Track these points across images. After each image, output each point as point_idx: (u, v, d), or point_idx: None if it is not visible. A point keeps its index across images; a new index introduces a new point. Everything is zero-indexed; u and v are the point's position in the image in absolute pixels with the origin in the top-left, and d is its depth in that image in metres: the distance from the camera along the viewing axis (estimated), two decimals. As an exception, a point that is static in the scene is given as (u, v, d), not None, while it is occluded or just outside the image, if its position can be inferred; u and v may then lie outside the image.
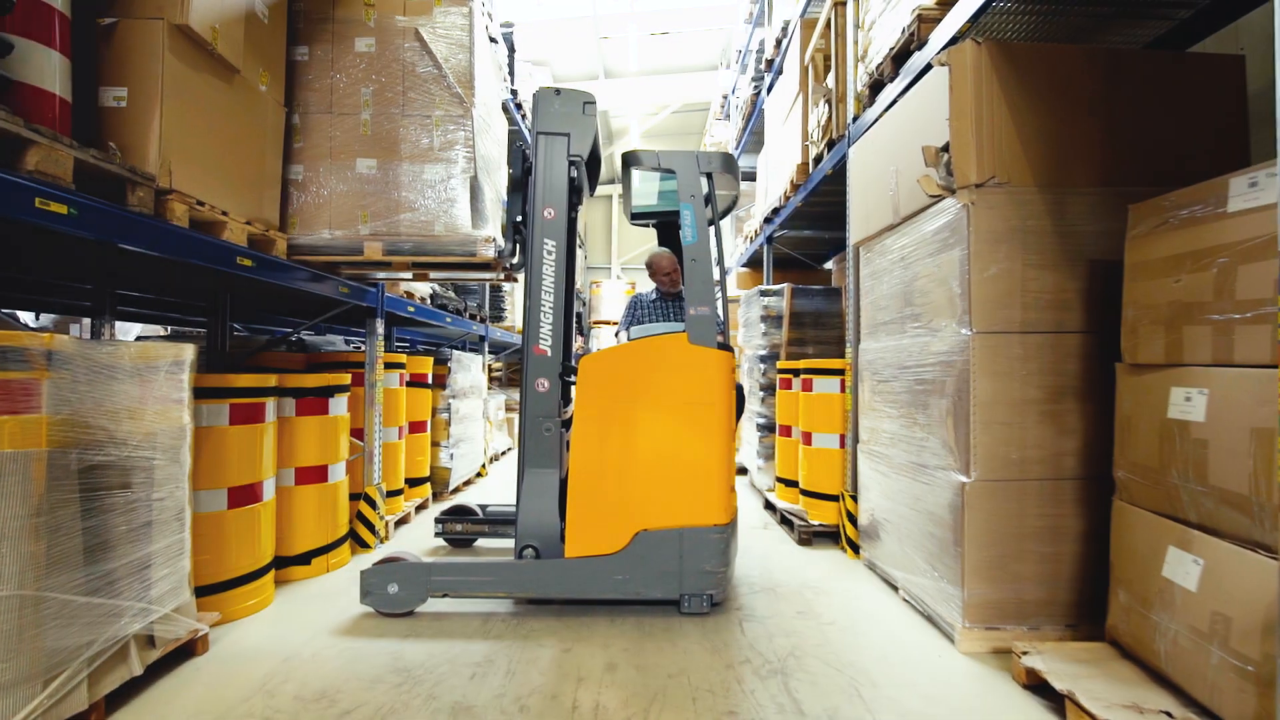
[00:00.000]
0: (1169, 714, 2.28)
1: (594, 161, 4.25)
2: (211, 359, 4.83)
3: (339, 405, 4.42)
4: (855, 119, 4.87)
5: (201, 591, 3.31)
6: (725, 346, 3.68)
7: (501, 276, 4.72)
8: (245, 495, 3.56)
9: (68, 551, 2.32)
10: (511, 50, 9.98)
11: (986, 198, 3.15)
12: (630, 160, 3.87)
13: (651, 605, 3.68)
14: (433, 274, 4.88)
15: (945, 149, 3.26)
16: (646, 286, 5.08)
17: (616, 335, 4.93)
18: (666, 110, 16.28)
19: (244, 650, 3.12)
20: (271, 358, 5.07)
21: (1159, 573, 2.51)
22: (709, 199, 3.77)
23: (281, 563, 4.04)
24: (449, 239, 3.90)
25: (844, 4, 5.22)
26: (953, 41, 3.36)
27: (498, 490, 7.35)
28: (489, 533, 4.87)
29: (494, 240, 3.99)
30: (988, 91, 3.16)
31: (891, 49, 4.08)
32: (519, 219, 3.88)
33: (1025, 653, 2.80)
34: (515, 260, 3.96)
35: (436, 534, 4.88)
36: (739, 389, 4.17)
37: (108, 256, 3.30)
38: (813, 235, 8.21)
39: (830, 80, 5.43)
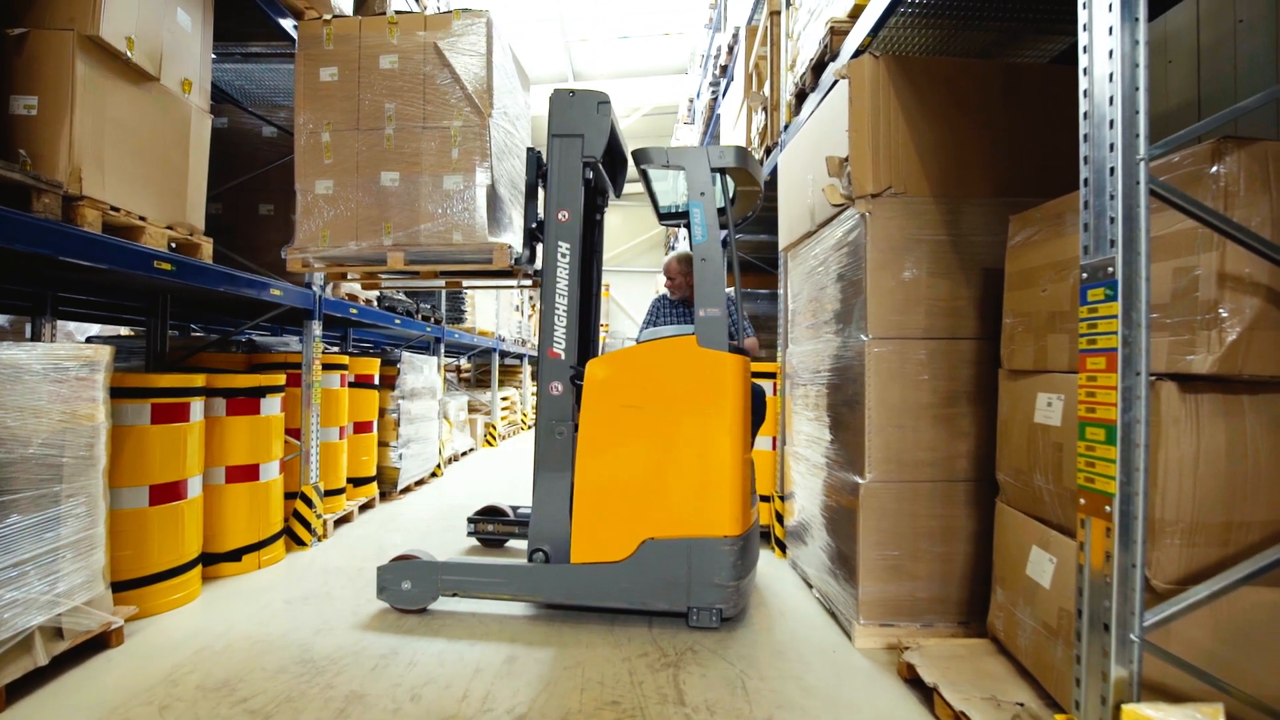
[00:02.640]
0: (1021, 704, 2.40)
1: (619, 160, 4.25)
2: (149, 359, 4.88)
3: (272, 405, 4.48)
4: (786, 126, 4.98)
5: (122, 586, 3.38)
6: (740, 350, 3.59)
7: (520, 283, 4.76)
8: (167, 493, 3.62)
9: (-38, 547, 2.38)
10: (475, 53, 10.05)
11: (883, 207, 3.26)
12: (640, 159, 3.71)
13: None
14: (466, 281, 4.89)
15: (848, 160, 3.38)
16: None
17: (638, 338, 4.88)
18: (638, 113, 16.38)
19: (159, 643, 3.19)
20: (215, 358, 5.13)
21: (1024, 571, 2.63)
22: (733, 199, 3.78)
23: (211, 559, 4.10)
24: (466, 247, 3.91)
25: (778, 13, 5.33)
26: (857, 54, 3.47)
27: (452, 490, 7.42)
28: (518, 534, 4.94)
29: (510, 247, 3.97)
30: (885, 104, 3.27)
31: (812, 59, 4.18)
32: (534, 225, 3.87)
33: (906, 648, 2.91)
34: (533, 266, 3.99)
35: (469, 534, 5.00)
36: (758, 393, 4.04)
37: (34, 260, 3.35)
38: (767, 239, 8.30)
39: (767, 88, 5.54)
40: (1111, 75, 1.66)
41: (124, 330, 8.02)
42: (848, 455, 3.46)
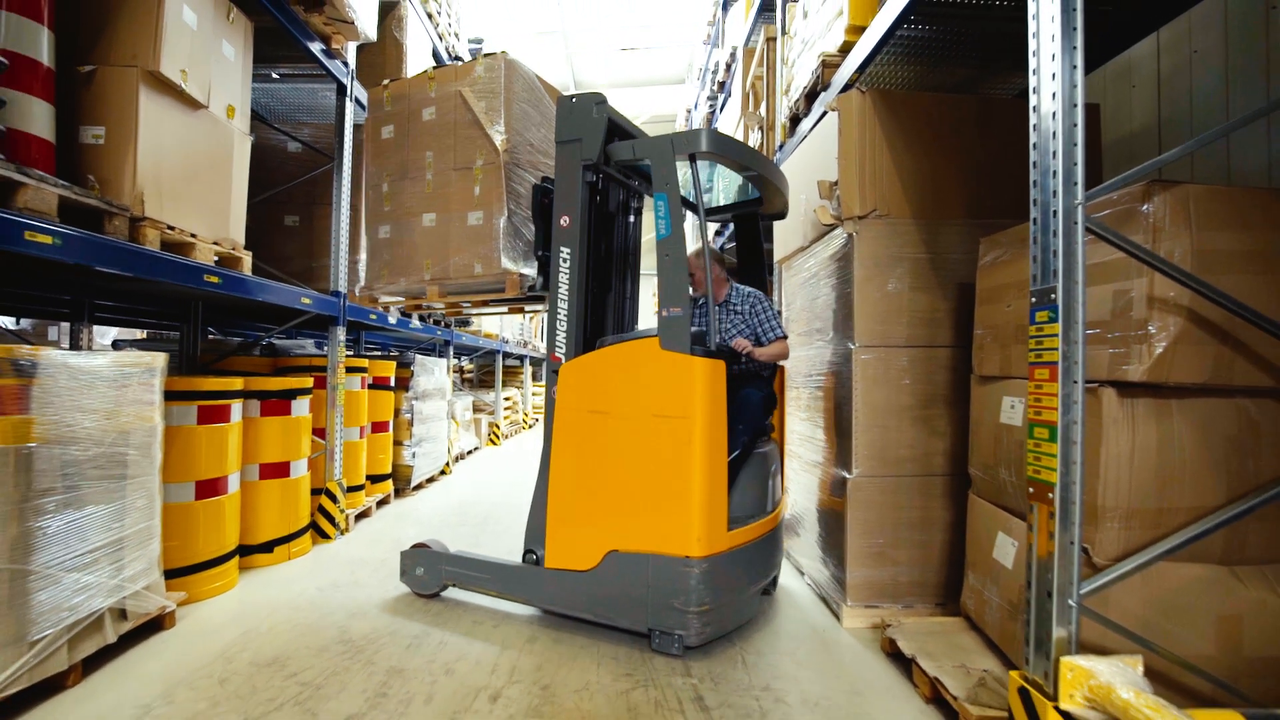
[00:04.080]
0: (987, 670, 2.72)
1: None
2: (183, 363, 5.18)
3: (301, 406, 4.79)
4: (781, 146, 5.30)
5: (170, 574, 3.67)
6: (713, 353, 3.28)
7: (537, 307, 4.81)
8: (211, 488, 3.92)
9: (50, 534, 2.69)
10: (480, 65, 10.34)
11: (869, 228, 3.59)
12: (610, 154, 3.63)
13: None
14: (491, 308, 5.02)
15: (837, 184, 3.70)
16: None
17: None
18: (637, 121, 16.61)
19: (208, 626, 3.49)
20: (242, 361, 5.43)
21: (992, 555, 2.95)
22: (758, 197, 3.85)
23: (246, 550, 4.40)
24: (486, 277, 4.10)
25: (774, 40, 5.66)
26: (846, 89, 3.79)
27: (460, 489, 7.73)
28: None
29: (523, 275, 4.12)
30: (871, 134, 3.59)
31: (805, 87, 4.51)
32: (539, 252, 3.89)
33: (888, 625, 3.23)
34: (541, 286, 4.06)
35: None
36: (751, 400, 3.71)
37: (88, 272, 3.65)
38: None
39: (763, 109, 5.86)
40: (1055, 133, 1.99)
41: (139, 334, 8.35)
42: (836, 452, 3.78)
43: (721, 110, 8.55)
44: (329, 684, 2.87)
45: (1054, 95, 1.99)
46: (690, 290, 3.30)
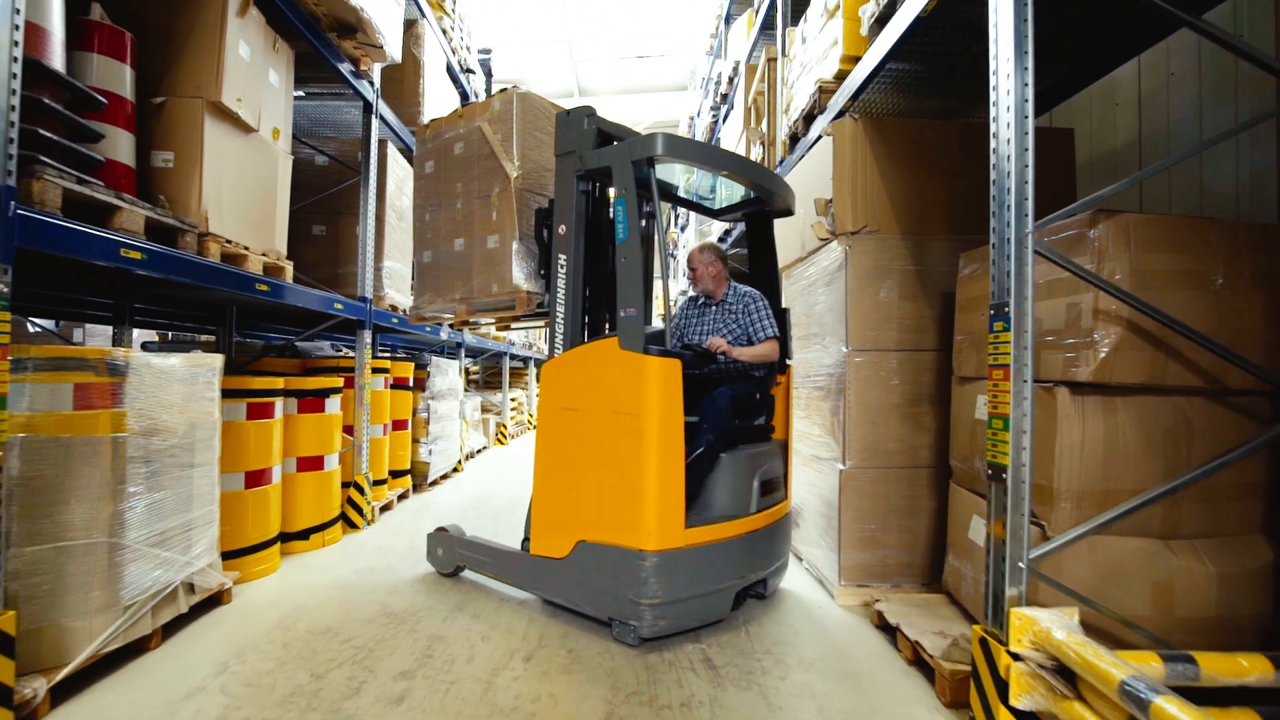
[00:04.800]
0: (961, 635, 3.09)
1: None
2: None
3: (333, 404, 5.16)
4: (782, 161, 5.67)
5: (223, 556, 4.03)
6: (669, 352, 3.36)
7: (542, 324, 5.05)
8: (258, 478, 4.29)
9: (137, 513, 3.06)
10: (489, 76, 10.74)
11: (861, 242, 3.96)
12: (583, 162, 3.72)
13: None
14: (513, 325, 5.26)
15: (832, 202, 4.07)
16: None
17: None
18: (639, 127, 17.04)
19: (261, 602, 3.85)
20: (272, 363, 5.79)
21: (968, 535, 3.32)
22: (756, 196, 4.00)
23: (285, 537, 4.76)
24: (500, 295, 4.37)
25: (774, 60, 6.03)
26: (840, 115, 4.16)
27: (472, 485, 8.10)
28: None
29: (532, 293, 4.31)
30: (862, 158, 3.96)
31: (803, 110, 4.88)
32: (543, 271, 4.10)
33: (878, 600, 3.60)
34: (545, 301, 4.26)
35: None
36: (724, 399, 3.75)
37: (140, 279, 3.99)
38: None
39: (764, 125, 6.24)
40: (1010, 174, 2.36)
41: (152, 335, 8.72)
42: (832, 447, 4.15)
43: (724, 121, 8.92)
44: (379, 648, 3.24)
45: (1008, 141, 2.36)
46: (645, 291, 3.55)
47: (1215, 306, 2.59)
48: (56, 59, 2.80)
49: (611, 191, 3.74)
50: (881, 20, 3.58)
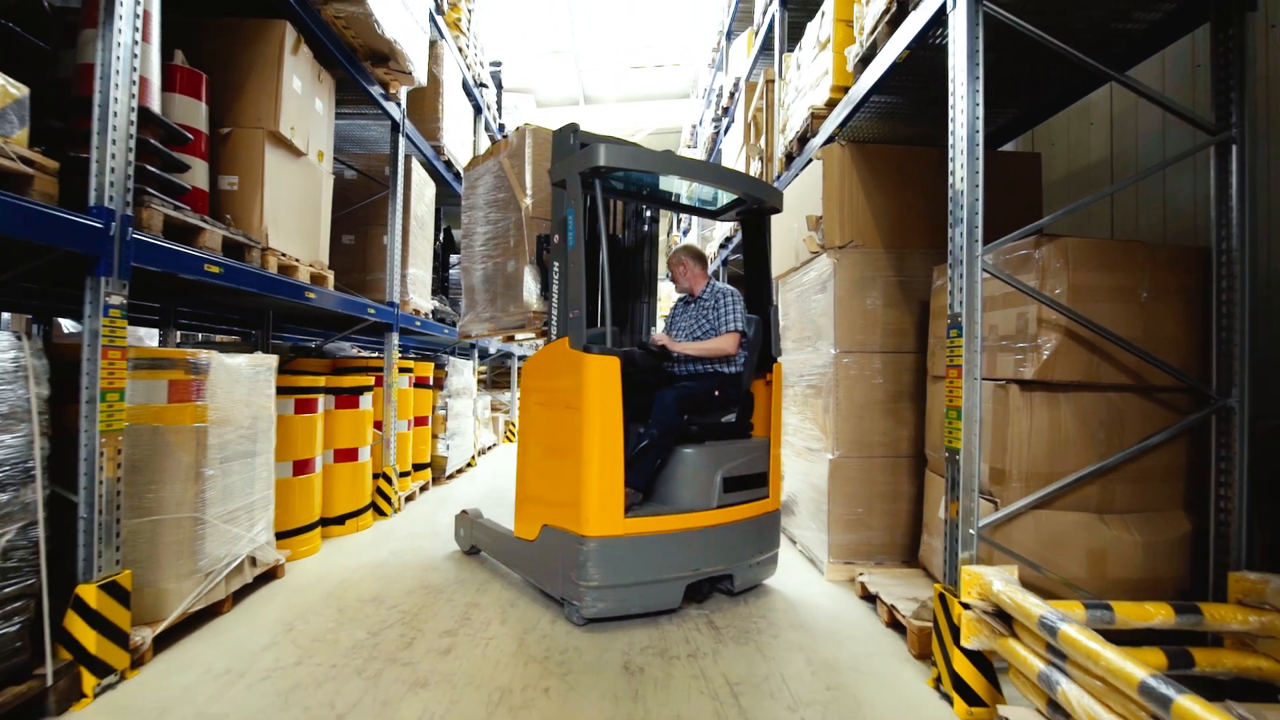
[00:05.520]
0: (930, 599, 3.54)
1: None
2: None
3: (366, 401, 5.63)
4: (779, 176, 6.13)
5: (275, 536, 4.51)
6: (612, 350, 3.54)
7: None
8: (304, 467, 4.76)
9: (213, 493, 3.52)
10: (499, 88, 11.20)
11: (848, 255, 4.42)
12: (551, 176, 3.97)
13: None
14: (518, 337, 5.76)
15: (822, 219, 4.53)
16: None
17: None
18: (641, 133, 17.59)
19: (310, 577, 4.31)
20: (304, 363, 6.23)
21: (938, 515, 3.78)
22: (739, 200, 4.24)
23: (324, 522, 5.23)
24: (515, 314, 4.72)
25: (772, 82, 6.49)
26: (829, 140, 4.62)
27: (486, 478, 8.57)
28: None
29: (536, 311, 4.57)
30: (849, 180, 4.43)
31: (798, 132, 5.34)
32: (544, 292, 4.31)
33: (861, 574, 4.07)
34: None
35: None
36: (668, 398, 3.89)
37: (190, 285, 4.43)
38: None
39: (763, 141, 6.70)
40: (963, 205, 2.82)
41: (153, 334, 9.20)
42: (822, 439, 4.61)
43: (726, 134, 9.38)
44: (423, 612, 3.71)
45: (961, 178, 2.82)
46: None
47: (1140, 316, 3.05)
48: (154, 103, 3.27)
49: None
50: (865, 60, 4.04)
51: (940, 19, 3.05)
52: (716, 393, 4.10)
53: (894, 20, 3.58)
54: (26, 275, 3.10)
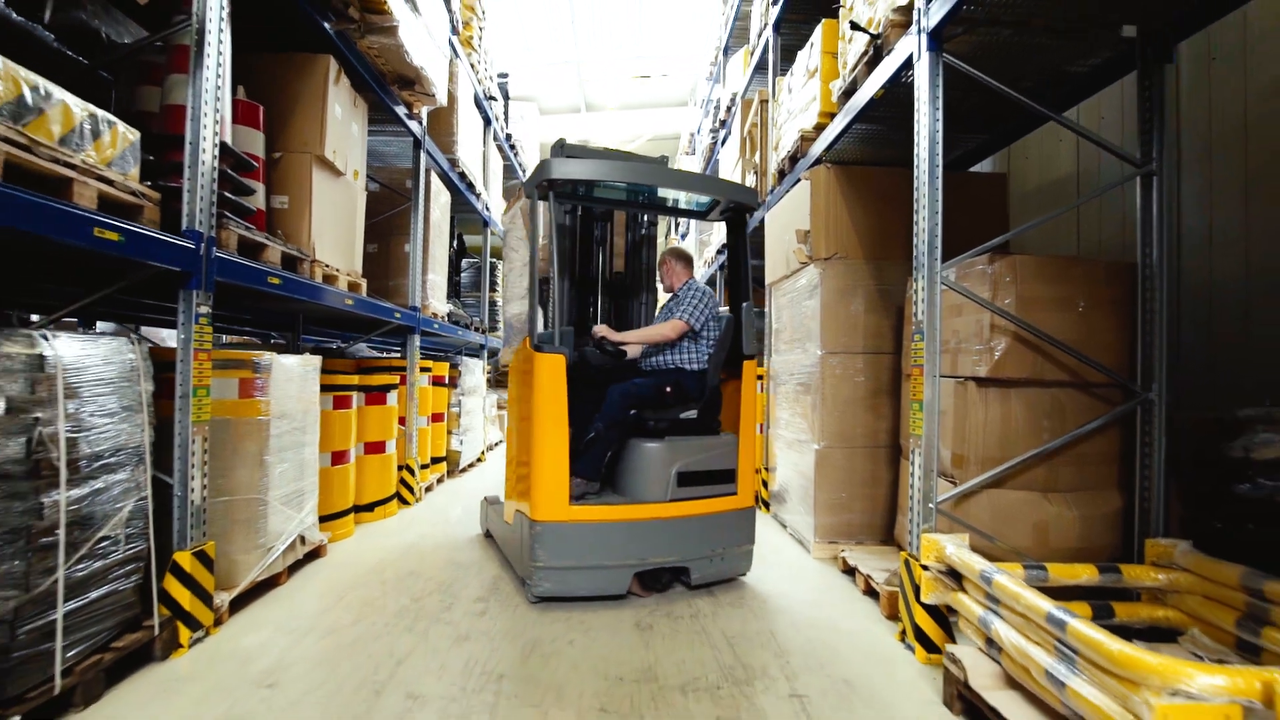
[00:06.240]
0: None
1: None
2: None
3: (392, 398, 6.12)
4: (772, 190, 6.63)
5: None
6: (557, 349, 3.79)
7: None
8: (340, 457, 5.25)
9: (273, 478, 4.00)
10: (506, 99, 11.68)
11: (833, 266, 4.92)
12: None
13: None
14: None
15: (809, 233, 5.03)
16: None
17: None
18: (640, 139, 18.10)
19: (349, 557, 4.80)
20: (332, 363, 6.72)
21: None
22: (728, 204, 4.29)
23: (356, 509, 5.71)
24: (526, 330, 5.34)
25: (767, 102, 6.99)
26: (816, 163, 5.12)
27: (495, 472, 9.06)
28: None
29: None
30: (834, 198, 4.92)
31: (789, 151, 5.83)
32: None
33: (843, 551, 4.57)
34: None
35: None
36: (614, 395, 4.08)
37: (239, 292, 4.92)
38: (758, 265, 9.98)
39: (758, 157, 7.20)
40: (924, 227, 3.32)
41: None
42: (809, 431, 5.11)
43: (723, 145, 9.89)
44: (456, 583, 4.20)
45: (923, 205, 3.32)
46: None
47: (1079, 323, 3.55)
48: (227, 135, 3.76)
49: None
50: (848, 93, 4.53)
51: (909, 64, 3.54)
52: (668, 389, 4.16)
53: (871, 62, 4.08)
54: (125, 290, 3.58)
